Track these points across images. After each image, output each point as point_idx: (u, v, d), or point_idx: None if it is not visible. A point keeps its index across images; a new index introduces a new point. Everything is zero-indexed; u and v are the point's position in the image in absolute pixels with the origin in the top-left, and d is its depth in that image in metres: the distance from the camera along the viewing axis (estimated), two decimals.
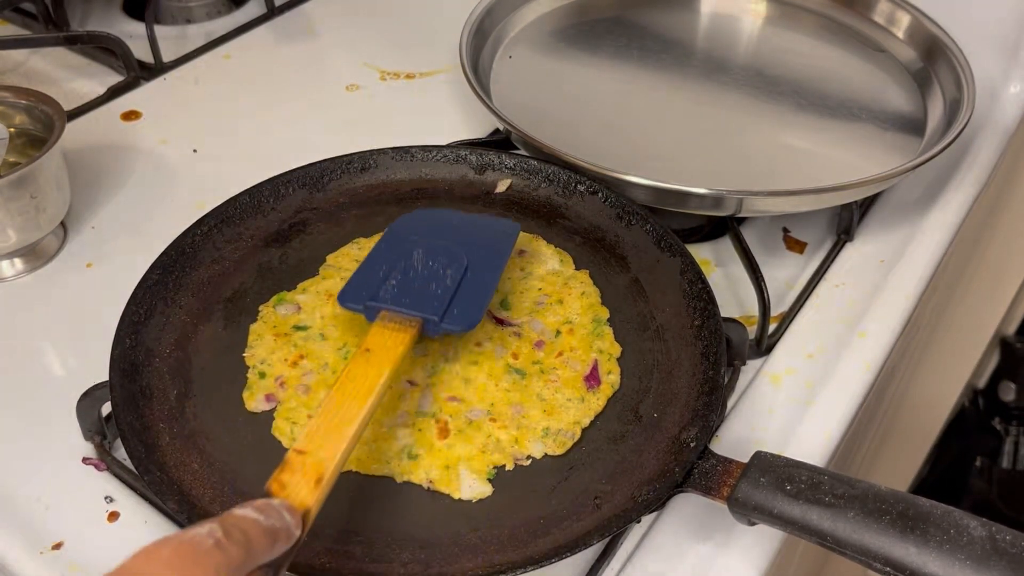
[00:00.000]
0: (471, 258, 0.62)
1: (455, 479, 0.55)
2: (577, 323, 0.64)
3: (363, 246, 0.69)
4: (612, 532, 0.52)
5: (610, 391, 0.60)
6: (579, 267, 0.68)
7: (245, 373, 0.61)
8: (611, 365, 0.62)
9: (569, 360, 0.62)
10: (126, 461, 0.58)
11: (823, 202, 0.72)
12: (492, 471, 0.56)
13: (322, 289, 0.66)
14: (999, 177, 0.94)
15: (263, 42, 1.01)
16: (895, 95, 0.86)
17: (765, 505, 0.49)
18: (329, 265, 0.68)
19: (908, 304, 0.71)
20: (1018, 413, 1.55)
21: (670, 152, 0.79)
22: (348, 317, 0.63)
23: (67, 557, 0.55)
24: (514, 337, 0.63)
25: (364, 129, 0.89)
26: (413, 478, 0.55)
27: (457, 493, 0.55)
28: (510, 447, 0.57)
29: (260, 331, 0.63)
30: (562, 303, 0.65)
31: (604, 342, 0.63)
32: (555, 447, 0.57)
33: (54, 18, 0.98)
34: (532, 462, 0.57)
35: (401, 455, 0.56)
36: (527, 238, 0.70)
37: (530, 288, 0.66)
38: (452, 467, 0.56)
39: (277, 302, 0.65)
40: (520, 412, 0.58)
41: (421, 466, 0.56)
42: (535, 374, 0.61)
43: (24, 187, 0.69)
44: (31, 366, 0.67)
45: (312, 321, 0.64)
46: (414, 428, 0.57)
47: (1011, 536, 0.45)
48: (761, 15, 0.97)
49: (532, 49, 0.91)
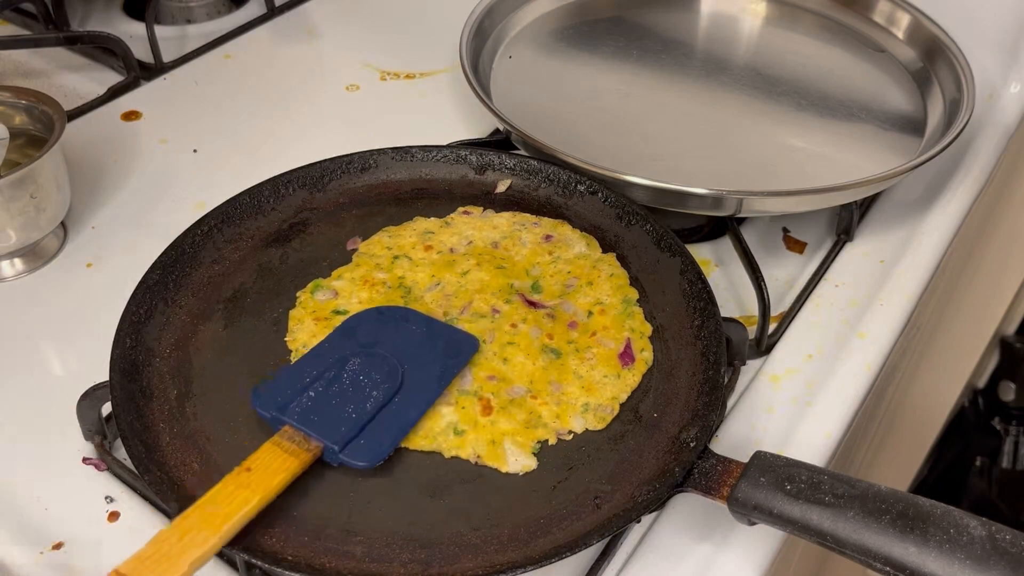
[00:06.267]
0: (410, 376, 0.58)
1: (501, 453, 0.56)
2: (608, 304, 0.65)
3: (393, 234, 0.70)
4: (612, 532, 0.52)
5: (644, 367, 0.62)
6: (604, 251, 0.70)
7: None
8: (643, 343, 0.63)
9: (603, 339, 0.63)
10: (126, 461, 0.58)
11: (823, 202, 0.72)
12: (536, 445, 0.57)
13: (357, 276, 0.67)
14: (999, 177, 0.94)
15: (263, 42, 1.01)
16: (895, 95, 0.86)
17: (765, 505, 0.49)
18: (361, 253, 0.69)
19: (908, 304, 0.71)
20: (1018, 413, 1.55)
21: (670, 152, 0.79)
22: (385, 301, 0.65)
23: (67, 557, 0.55)
24: (548, 319, 0.64)
25: (364, 129, 0.89)
26: (461, 453, 0.57)
27: (504, 467, 0.56)
28: (552, 422, 0.58)
29: (300, 316, 0.64)
30: (592, 285, 0.66)
31: (635, 321, 0.64)
32: (596, 422, 0.59)
33: (54, 18, 0.98)
34: (574, 436, 0.58)
35: (448, 431, 0.57)
36: (553, 223, 0.71)
37: (559, 272, 0.67)
38: (498, 442, 0.57)
39: (314, 288, 0.66)
40: (559, 389, 0.60)
41: (468, 442, 0.57)
42: (570, 353, 0.62)
43: (24, 187, 0.69)
44: (31, 366, 0.67)
45: (350, 306, 0.65)
46: (458, 406, 0.59)
47: (1011, 536, 0.45)
48: (761, 15, 0.97)
49: (532, 49, 0.91)
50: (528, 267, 0.68)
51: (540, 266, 0.68)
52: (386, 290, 0.66)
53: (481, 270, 0.67)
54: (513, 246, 0.69)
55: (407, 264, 0.68)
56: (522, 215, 0.72)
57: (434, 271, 0.67)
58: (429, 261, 0.68)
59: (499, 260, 0.68)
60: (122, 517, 0.57)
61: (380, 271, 0.67)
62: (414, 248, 0.69)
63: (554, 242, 0.70)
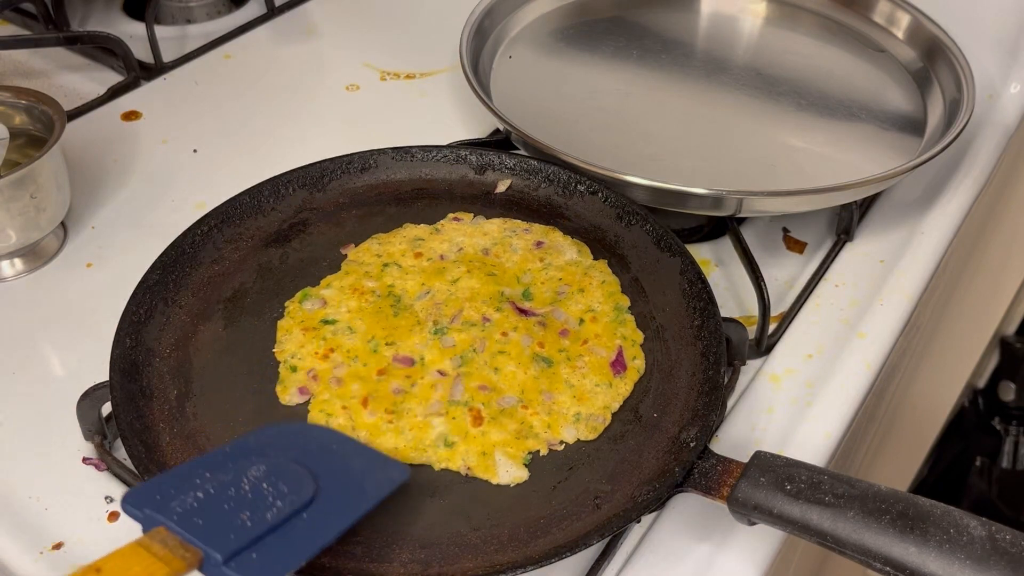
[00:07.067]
0: (325, 494, 0.48)
1: (492, 465, 0.56)
2: (599, 311, 0.65)
3: (382, 241, 0.70)
4: (612, 532, 0.52)
5: (636, 376, 0.62)
6: (599, 255, 0.70)
7: (276, 368, 0.61)
8: (635, 351, 0.63)
9: (594, 347, 0.63)
10: (126, 461, 0.58)
11: (823, 202, 0.72)
12: (527, 456, 0.57)
13: (346, 284, 0.66)
14: (999, 177, 0.94)
15: (263, 42, 1.01)
16: (895, 95, 0.86)
17: (765, 505, 0.49)
18: (351, 261, 0.69)
19: (908, 304, 0.71)
20: (1018, 413, 1.55)
21: (670, 152, 0.79)
22: (375, 310, 0.64)
23: (67, 557, 0.55)
24: (539, 327, 0.63)
25: (364, 129, 0.89)
26: (451, 465, 0.56)
27: (495, 479, 0.56)
28: (543, 432, 0.58)
29: (287, 327, 0.64)
30: (583, 292, 0.66)
31: (627, 329, 0.64)
32: (587, 432, 0.58)
33: (54, 18, 0.98)
34: (565, 447, 0.58)
35: (437, 443, 0.57)
36: (544, 230, 0.71)
37: (551, 279, 0.67)
38: (488, 453, 0.57)
39: (302, 298, 0.66)
40: (551, 398, 0.60)
41: (458, 453, 0.57)
42: (562, 361, 0.62)
43: (24, 187, 0.69)
44: (31, 366, 0.67)
45: (339, 315, 0.64)
46: (448, 416, 0.58)
47: (1011, 536, 0.45)
48: (761, 15, 0.97)
49: (532, 49, 0.91)
50: (519, 274, 0.67)
51: (531, 273, 0.68)
52: (375, 299, 0.65)
53: (471, 277, 0.66)
54: (504, 253, 0.69)
55: (397, 272, 0.67)
56: (513, 221, 0.72)
57: (424, 279, 0.67)
58: (419, 269, 0.67)
59: (490, 267, 0.68)
60: (122, 517, 0.57)
61: (369, 279, 0.66)
62: (404, 255, 0.69)
63: (545, 248, 0.69)
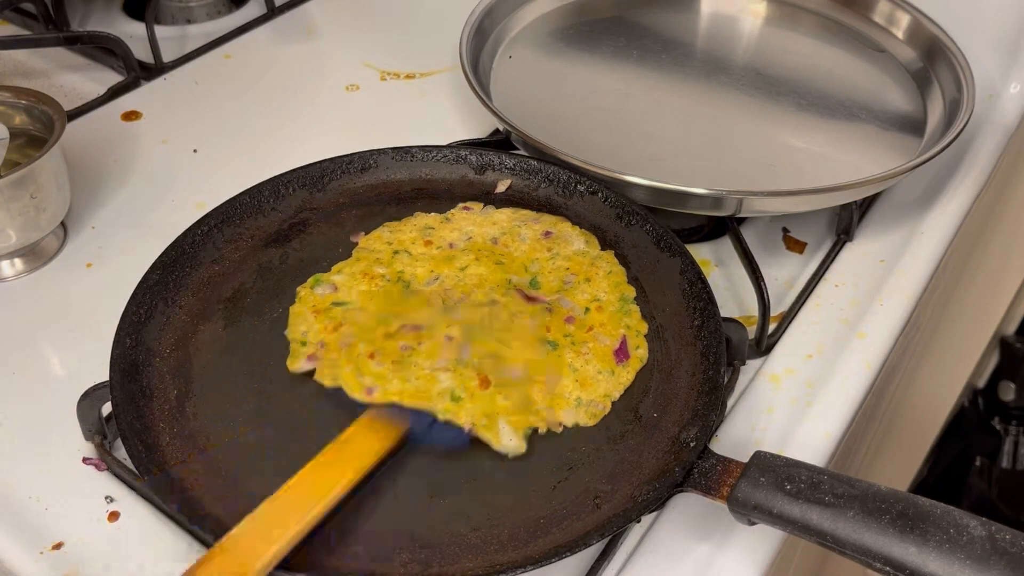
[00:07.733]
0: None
1: (495, 428, 0.57)
2: (605, 300, 0.65)
3: (393, 229, 0.70)
4: (612, 532, 0.52)
5: (639, 365, 0.62)
6: (603, 249, 0.70)
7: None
8: (639, 340, 0.63)
9: (599, 335, 0.63)
10: (126, 461, 0.58)
11: (823, 202, 0.72)
12: (528, 431, 0.57)
13: (356, 270, 0.67)
14: (999, 177, 0.94)
15: (263, 42, 1.01)
16: (895, 95, 0.86)
17: (765, 505, 0.49)
18: (361, 248, 0.69)
19: (908, 304, 0.71)
20: (1018, 413, 1.55)
21: (670, 152, 0.79)
22: (385, 292, 0.65)
23: (67, 557, 0.55)
24: (545, 313, 0.64)
25: (364, 129, 0.89)
26: (455, 419, 0.57)
27: (497, 443, 0.56)
28: (545, 411, 0.58)
29: (299, 311, 0.64)
30: (589, 282, 0.66)
31: (632, 319, 0.64)
32: (587, 418, 0.59)
33: (54, 18, 0.98)
34: (564, 430, 0.58)
35: (444, 396, 0.58)
36: (552, 220, 0.71)
37: (558, 268, 0.67)
38: (492, 417, 0.57)
39: (314, 283, 0.66)
40: (554, 380, 0.60)
41: (464, 409, 0.57)
42: (567, 346, 0.62)
43: (24, 187, 0.69)
44: (31, 366, 0.66)
45: (350, 297, 0.65)
46: (455, 373, 0.59)
47: (1011, 536, 0.45)
48: (761, 15, 0.97)
49: (532, 49, 0.91)
50: (527, 263, 0.68)
51: (539, 262, 0.68)
52: (385, 283, 0.66)
53: (480, 265, 0.67)
54: (512, 242, 0.69)
55: (407, 259, 0.68)
56: (522, 211, 0.72)
57: (433, 266, 0.67)
58: (428, 256, 0.68)
59: (498, 256, 0.68)
60: (122, 517, 0.57)
61: (380, 265, 0.67)
62: (414, 243, 0.69)
63: (553, 238, 0.70)
